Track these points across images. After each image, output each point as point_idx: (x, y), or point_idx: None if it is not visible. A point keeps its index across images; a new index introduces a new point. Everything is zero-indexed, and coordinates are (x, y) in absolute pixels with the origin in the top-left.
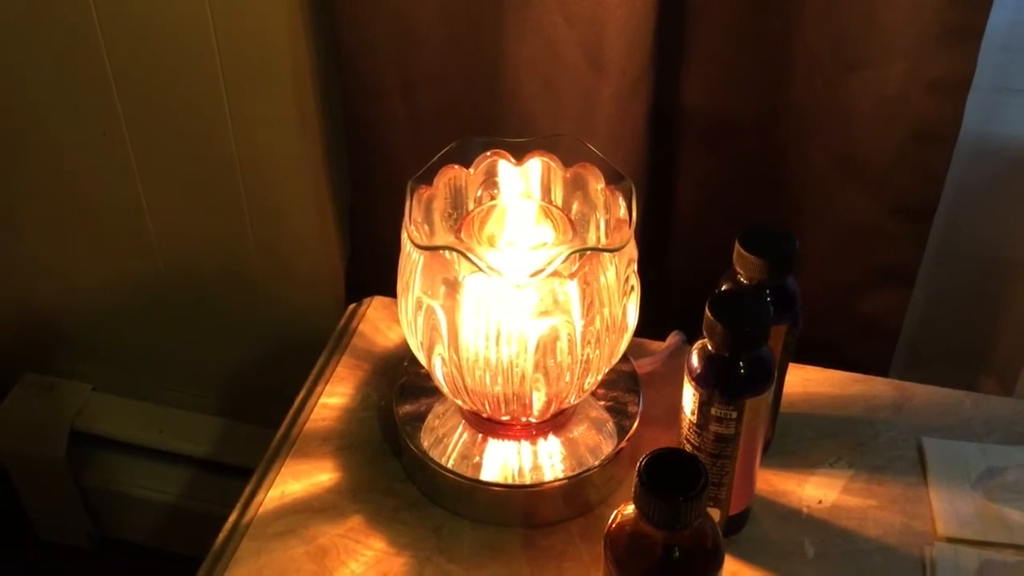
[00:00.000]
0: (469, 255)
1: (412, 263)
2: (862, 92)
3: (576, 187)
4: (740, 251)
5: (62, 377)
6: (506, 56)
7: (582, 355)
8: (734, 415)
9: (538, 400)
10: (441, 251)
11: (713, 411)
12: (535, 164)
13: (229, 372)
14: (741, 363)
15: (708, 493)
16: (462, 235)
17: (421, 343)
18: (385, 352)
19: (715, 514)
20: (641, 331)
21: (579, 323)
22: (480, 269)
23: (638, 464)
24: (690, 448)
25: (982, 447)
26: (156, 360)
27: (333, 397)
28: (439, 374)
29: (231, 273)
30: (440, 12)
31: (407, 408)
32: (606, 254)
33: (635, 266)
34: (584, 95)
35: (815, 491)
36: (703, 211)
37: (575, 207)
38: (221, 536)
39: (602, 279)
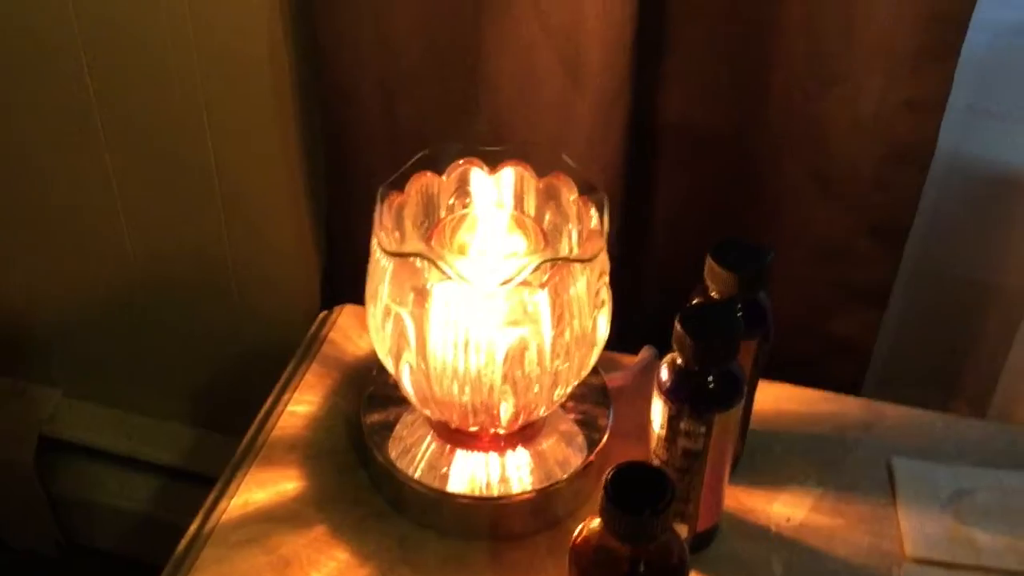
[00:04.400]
0: (438, 262)
1: (381, 270)
2: (838, 109)
3: (549, 197)
4: (712, 265)
5: (32, 382)
6: (484, 65)
7: (551, 367)
8: (703, 430)
9: (506, 411)
10: (410, 258)
11: (682, 425)
12: (508, 173)
13: (202, 381)
14: (711, 377)
15: (675, 508)
16: (433, 243)
17: (389, 351)
18: (355, 360)
19: (683, 530)
20: (614, 345)
21: (548, 334)
22: (449, 277)
23: (604, 477)
24: (659, 463)
25: (952, 469)
26: (128, 367)
27: (301, 405)
28: (406, 383)
29: (206, 280)
30: (419, 20)
31: (375, 417)
32: (577, 265)
33: (607, 278)
34: (561, 106)
35: (784, 509)
36: (681, 226)
37: (548, 217)
38: (182, 544)
39: (573, 290)
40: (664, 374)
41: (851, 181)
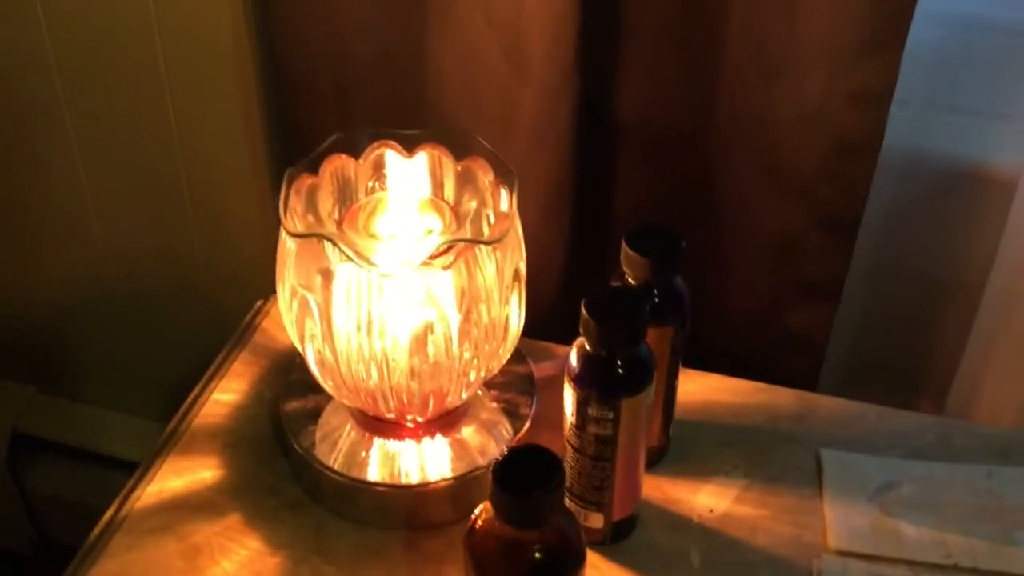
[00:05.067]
0: (339, 243)
1: (287, 252)
2: (782, 102)
3: (467, 181)
4: (626, 251)
5: (5, 378)
6: (431, 58)
7: (460, 352)
8: (611, 415)
9: (414, 397)
10: (314, 239)
11: (590, 411)
12: (424, 156)
13: (175, 378)
14: (618, 362)
15: (592, 496)
16: (345, 226)
17: (297, 334)
18: (284, 348)
19: (598, 519)
20: (567, 338)
21: (455, 318)
22: (349, 258)
23: (493, 461)
24: (571, 451)
25: (881, 460)
26: (101, 364)
27: (226, 393)
28: (314, 366)
29: (176, 279)
30: (370, 16)
31: (294, 405)
32: (484, 249)
33: (523, 264)
34: (506, 98)
35: (707, 499)
36: (639, 221)
37: (468, 201)
38: (96, 530)
39: (480, 275)
40: (573, 360)
41: (799, 174)
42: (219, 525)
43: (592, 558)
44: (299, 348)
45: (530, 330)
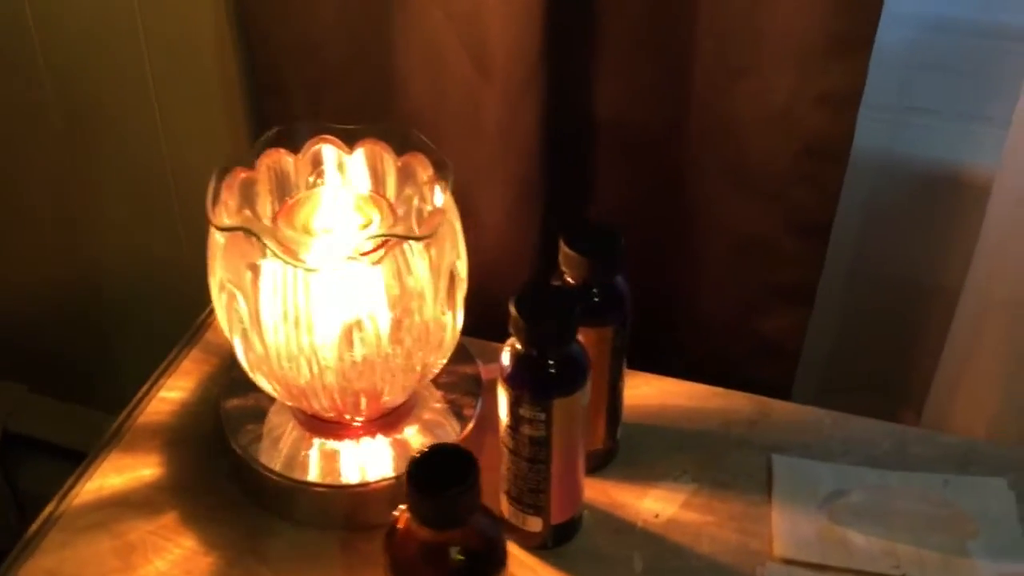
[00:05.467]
0: (262, 237)
1: (216, 246)
2: (749, 103)
3: (407, 176)
4: (564, 250)
5: None
6: (396, 56)
7: (392, 351)
8: (543, 416)
9: (347, 395)
10: (241, 233)
11: (522, 412)
12: (363, 152)
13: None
14: (550, 362)
15: (526, 496)
16: (280, 221)
17: (228, 329)
18: None
19: (537, 523)
20: None
21: (385, 316)
22: (273, 252)
23: (408, 461)
24: (507, 453)
25: (834, 467)
26: (92, 363)
27: (173, 391)
28: (244, 362)
29: (164, 282)
30: (338, 18)
31: (236, 403)
32: (417, 246)
33: (461, 264)
34: (470, 97)
35: (654, 504)
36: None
37: (409, 198)
38: (34, 527)
39: (411, 273)
40: (505, 359)
41: (768, 177)
42: (155, 524)
43: (531, 563)
44: (231, 343)
45: (500, 331)
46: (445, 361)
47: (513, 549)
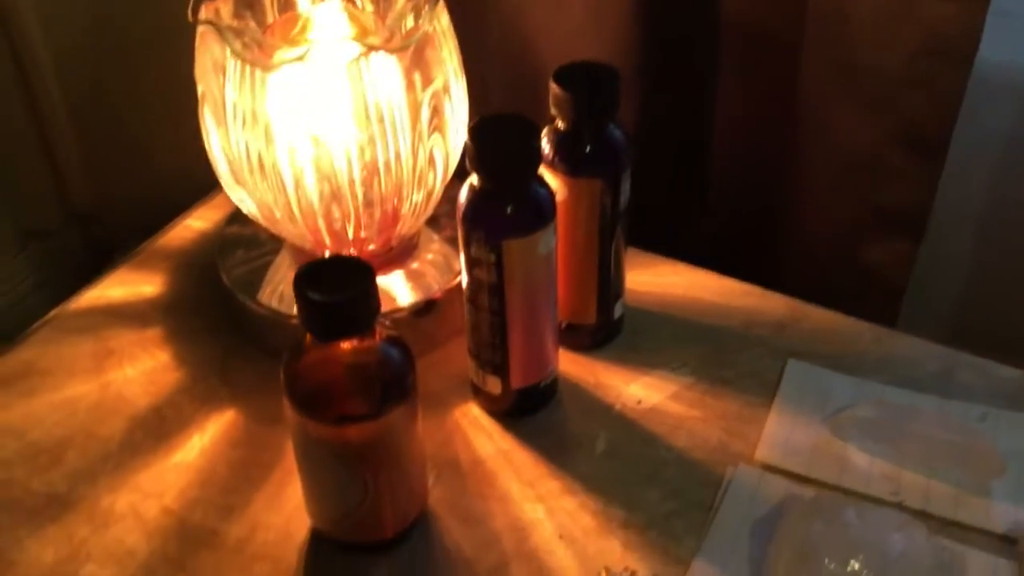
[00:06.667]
0: (225, 33)
1: (198, 40)
2: None
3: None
4: (553, 87)
5: None
6: None
7: (359, 176)
8: (492, 258)
9: (308, 219)
10: (213, 31)
11: (473, 251)
12: None
13: None
14: (508, 201)
15: (484, 351)
16: (275, 29)
17: (204, 133)
18: None
19: (496, 384)
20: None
21: (351, 131)
22: (234, 51)
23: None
24: (466, 303)
25: (856, 380)
26: None
27: (200, 221)
28: (221, 178)
29: None
30: None
31: (235, 230)
32: (390, 59)
33: (448, 97)
34: None
35: (639, 391)
36: (736, 132)
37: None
38: (35, 325)
39: (385, 89)
40: (462, 196)
41: (879, 78)
42: (138, 335)
43: (489, 427)
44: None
45: None
46: (427, 199)
47: (474, 410)
